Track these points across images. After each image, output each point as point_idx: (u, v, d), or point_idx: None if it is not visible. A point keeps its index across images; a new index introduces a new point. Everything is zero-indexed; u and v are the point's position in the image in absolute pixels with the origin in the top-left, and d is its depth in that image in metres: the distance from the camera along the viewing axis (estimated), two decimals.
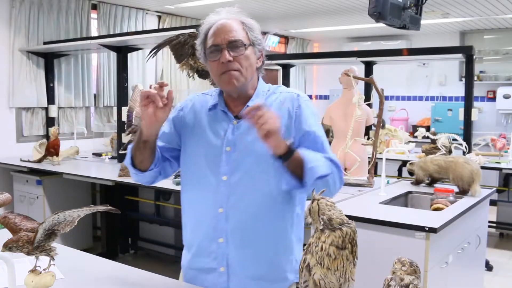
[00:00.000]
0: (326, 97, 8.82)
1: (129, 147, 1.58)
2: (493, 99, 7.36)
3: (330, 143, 4.65)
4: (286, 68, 5.65)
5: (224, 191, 1.50)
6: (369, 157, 3.71)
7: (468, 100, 4.25)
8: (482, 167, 3.58)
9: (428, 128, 6.53)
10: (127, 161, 1.57)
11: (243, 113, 1.36)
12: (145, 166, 1.54)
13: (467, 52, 4.18)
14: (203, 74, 3.28)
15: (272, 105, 1.54)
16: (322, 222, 1.14)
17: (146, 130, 1.45)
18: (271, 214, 1.52)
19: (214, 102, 1.58)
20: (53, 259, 1.39)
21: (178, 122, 1.61)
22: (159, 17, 6.29)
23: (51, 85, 5.11)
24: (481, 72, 7.44)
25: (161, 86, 1.41)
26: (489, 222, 3.96)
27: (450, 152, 4.44)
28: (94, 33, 5.53)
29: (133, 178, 1.61)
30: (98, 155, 4.99)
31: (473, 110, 4.24)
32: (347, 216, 1.17)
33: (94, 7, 5.51)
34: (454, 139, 4.55)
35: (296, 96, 1.57)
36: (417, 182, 3.34)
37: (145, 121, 1.43)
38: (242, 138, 1.51)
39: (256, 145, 1.48)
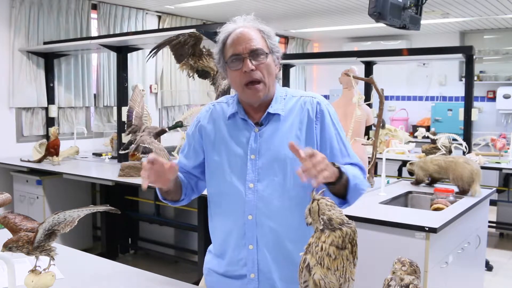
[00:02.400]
0: (326, 97, 8.60)
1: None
2: (493, 99, 7.36)
3: None
4: (286, 68, 5.65)
5: (252, 198, 1.50)
6: (369, 157, 3.71)
7: (468, 100, 4.25)
8: (482, 167, 3.58)
9: (428, 128, 6.53)
10: (160, 197, 1.62)
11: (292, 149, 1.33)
12: (176, 199, 1.62)
13: (467, 52, 4.18)
14: (203, 74, 3.28)
15: (294, 109, 1.54)
16: (322, 222, 1.14)
17: (163, 187, 1.51)
18: (300, 218, 1.50)
19: (234, 111, 1.57)
20: (53, 259, 1.39)
21: (198, 135, 1.62)
22: (159, 17, 6.29)
23: (51, 85, 5.10)
24: (481, 72, 7.44)
25: (152, 163, 1.40)
26: (489, 222, 3.96)
27: (450, 152, 4.44)
28: (94, 33, 5.52)
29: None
30: (98, 155, 5.00)
31: (473, 110, 4.24)
32: (347, 216, 1.17)
33: (94, 7, 5.51)
34: (454, 139, 4.55)
35: (317, 102, 1.56)
36: (417, 182, 3.34)
37: (157, 185, 1.47)
38: (266, 145, 1.52)
39: (281, 151, 1.50)
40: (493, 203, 4.82)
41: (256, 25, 1.53)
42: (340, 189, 1.42)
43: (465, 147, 4.23)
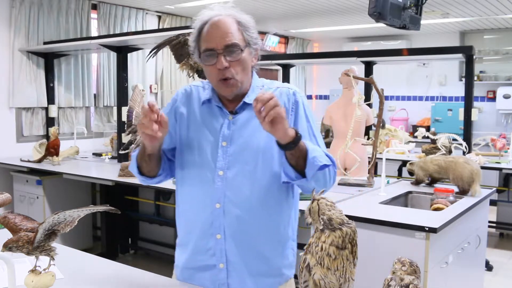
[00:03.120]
0: (326, 97, 8.82)
1: (134, 155, 1.58)
2: (493, 99, 7.37)
3: (330, 143, 4.68)
4: (286, 68, 5.65)
5: (221, 186, 1.48)
6: (369, 157, 3.71)
7: (468, 100, 4.25)
8: (482, 167, 3.58)
9: (428, 128, 6.53)
10: (133, 170, 1.58)
11: (254, 99, 1.30)
12: (152, 174, 1.56)
13: (467, 52, 4.18)
14: (203, 74, 3.28)
15: None
16: (322, 222, 1.14)
17: (149, 146, 1.44)
18: (269, 208, 1.51)
19: (208, 97, 1.56)
20: (53, 259, 1.39)
21: (173, 117, 1.59)
22: (159, 17, 6.29)
23: (51, 85, 5.11)
24: (481, 72, 7.44)
25: (151, 108, 1.37)
26: (489, 222, 3.96)
27: (450, 152, 4.44)
28: (94, 33, 5.53)
29: (139, 180, 1.61)
30: (98, 155, 5.00)
31: (473, 110, 4.24)
32: (347, 216, 1.17)
33: (94, 7, 5.51)
34: (454, 139, 4.55)
35: (293, 92, 1.56)
36: (417, 182, 3.34)
37: (146, 140, 1.41)
38: (239, 132, 1.50)
39: (253, 140, 1.48)
40: (493, 203, 4.82)
41: (234, 15, 1.49)
42: (298, 160, 1.38)
43: (465, 147, 4.23)
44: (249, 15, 1.52)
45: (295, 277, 1.60)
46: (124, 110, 4.30)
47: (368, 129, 4.68)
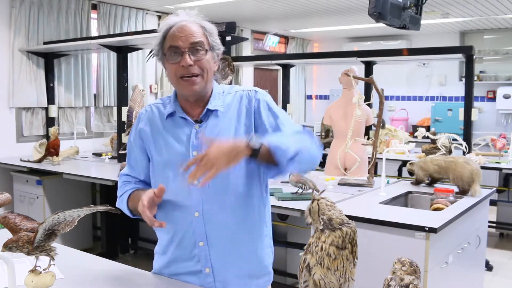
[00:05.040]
0: (326, 97, 8.83)
1: (123, 199, 1.63)
2: (493, 99, 7.36)
3: (330, 143, 4.68)
4: (286, 68, 5.65)
5: (197, 195, 1.50)
6: (369, 157, 3.71)
7: (468, 100, 4.25)
8: (482, 167, 3.58)
9: (428, 128, 6.53)
10: (126, 212, 1.64)
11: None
12: None
13: (467, 52, 4.18)
14: None
15: (231, 104, 1.56)
16: (322, 222, 1.14)
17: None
18: (246, 211, 1.54)
19: (171, 110, 1.57)
20: (53, 259, 1.39)
21: (139, 140, 1.61)
22: (159, 17, 6.29)
23: (51, 85, 5.10)
24: (481, 72, 7.44)
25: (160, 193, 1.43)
26: (489, 222, 3.96)
27: (450, 152, 4.44)
28: (94, 33, 5.53)
29: (131, 216, 1.68)
30: (98, 155, 4.99)
31: (473, 110, 4.24)
32: (347, 216, 1.17)
33: (94, 7, 5.51)
34: (454, 139, 4.55)
35: (253, 93, 1.58)
36: (417, 182, 3.34)
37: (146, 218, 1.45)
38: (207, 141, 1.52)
39: None
40: (493, 203, 4.82)
41: (199, 21, 1.53)
42: (270, 159, 1.38)
43: (465, 147, 4.23)
44: (212, 24, 1.56)
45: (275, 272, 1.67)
46: (124, 110, 4.30)
47: (368, 129, 4.68)
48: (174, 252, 1.57)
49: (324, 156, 4.36)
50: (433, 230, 2.28)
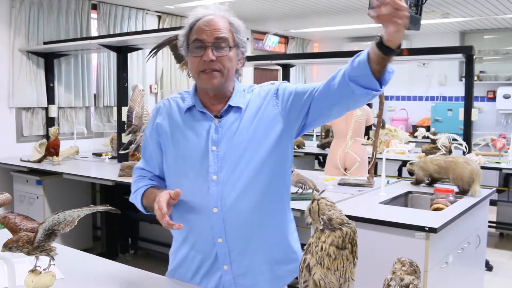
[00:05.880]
0: None
1: (137, 195, 1.62)
2: (493, 99, 7.37)
3: (330, 143, 4.67)
4: (286, 68, 5.65)
5: (216, 190, 1.47)
6: (369, 157, 3.71)
7: (468, 100, 4.25)
8: (482, 167, 3.58)
9: (428, 128, 6.53)
10: (139, 208, 1.65)
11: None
12: None
13: (467, 52, 4.18)
14: None
15: (254, 100, 1.54)
16: (322, 222, 1.14)
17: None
18: (269, 203, 1.51)
19: (190, 104, 1.55)
20: (53, 259, 1.39)
21: (156, 135, 1.59)
22: (159, 17, 6.29)
23: (51, 85, 5.10)
24: (481, 72, 7.44)
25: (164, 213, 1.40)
26: (489, 222, 3.96)
27: (450, 152, 4.44)
28: (94, 33, 5.52)
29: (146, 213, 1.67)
30: (98, 155, 5.00)
31: (473, 110, 4.24)
32: (347, 216, 1.17)
33: (94, 7, 5.51)
34: (454, 139, 4.55)
35: (273, 83, 1.57)
36: (417, 182, 3.34)
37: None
38: (228, 135, 1.50)
39: (243, 141, 1.48)
40: (493, 203, 4.82)
41: (227, 17, 1.51)
42: (382, 68, 1.32)
43: (465, 147, 4.23)
44: (242, 21, 1.54)
45: None
46: (124, 110, 4.30)
47: (368, 129, 4.68)
48: (189, 252, 1.55)
49: (324, 156, 4.36)
50: (433, 230, 2.28)
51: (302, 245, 1.41)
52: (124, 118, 4.32)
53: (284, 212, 1.59)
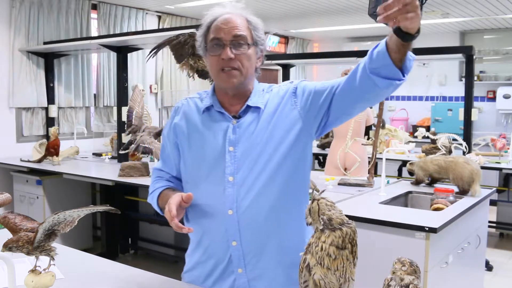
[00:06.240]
0: None
1: (154, 195, 1.61)
2: (493, 99, 7.37)
3: (330, 143, 4.67)
4: (286, 68, 5.65)
5: (232, 192, 1.44)
6: (369, 157, 3.71)
7: (468, 100, 4.25)
8: (482, 167, 3.58)
9: (428, 128, 6.53)
10: (156, 209, 1.63)
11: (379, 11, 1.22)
12: None
13: (467, 52, 4.18)
14: (203, 74, 3.28)
15: (272, 100, 1.52)
16: (322, 222, 1.14)
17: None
18: (286, 205, 1.48)
19: (208, 104, 1.53)
20: (53, 259, 1.39)
21: (173, 135, 1.57)
22: (159, 17, 6.29)
23: (51, 85, 5.11)
24: (481, 72, 7.44)
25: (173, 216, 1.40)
26: (489, 222, 3.96)
27: (450, 152, 4.44)
28: (94, 33, 5.53)
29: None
30: (98, 155, 5.00)
31: (473, 110, 4.24)
32: (347, 216, 1.16)
33: (94, 7, 5.51)
34: (454, 139, 4.55)
35: (291, 83, 1.55)
36: (417, 182, 3.34)
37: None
38: (245, 136, 1.48)
39: (261, 141, 1.46)
40: (493, 203, 4.82)
41: (245, 14, 1.50)
42: (402, 56, 1.30)
43: (465, 147, 4.23)
44: (259, 19, 1.53)
45: None
46: (124, 110, 4.30)
47: (368, 129, 4.68)
48: (203, 254, 1.53)
49: (324, 156, 4.36)
50: (433, 230, 2.28)
51: None
52: (124, 118, 4.32)
53: (302, 214, 1.55)
